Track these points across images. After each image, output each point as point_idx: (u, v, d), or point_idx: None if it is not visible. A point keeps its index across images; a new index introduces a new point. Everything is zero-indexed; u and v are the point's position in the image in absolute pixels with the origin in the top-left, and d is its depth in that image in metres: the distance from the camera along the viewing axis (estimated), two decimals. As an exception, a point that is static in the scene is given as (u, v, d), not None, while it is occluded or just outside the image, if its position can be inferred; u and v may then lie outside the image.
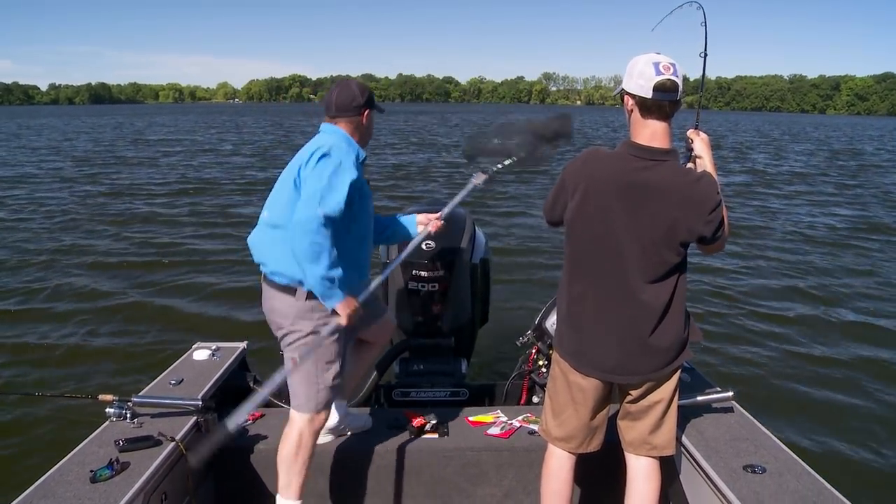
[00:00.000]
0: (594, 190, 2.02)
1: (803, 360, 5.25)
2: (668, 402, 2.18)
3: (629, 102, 2.01)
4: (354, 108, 2.40)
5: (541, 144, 2.64)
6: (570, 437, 2.24)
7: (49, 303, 6.57)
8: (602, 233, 2.02)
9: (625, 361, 2.08)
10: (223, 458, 2.63)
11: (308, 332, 2.32)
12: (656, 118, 1.97)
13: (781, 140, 37.71)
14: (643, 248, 1.98)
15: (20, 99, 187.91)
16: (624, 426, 2.26)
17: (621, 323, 2.05)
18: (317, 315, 2.31)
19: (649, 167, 1.96)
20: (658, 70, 1.92)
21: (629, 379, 2.12)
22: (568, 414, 2.22)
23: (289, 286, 2.32)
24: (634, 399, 2.19)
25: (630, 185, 1.97)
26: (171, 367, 3.04)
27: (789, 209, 13.00)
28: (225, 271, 7.79)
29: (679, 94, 1.95)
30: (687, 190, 1.94)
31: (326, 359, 2.35)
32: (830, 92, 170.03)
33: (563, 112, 3.12)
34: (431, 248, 3.19)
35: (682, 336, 2.10)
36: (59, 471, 2.12)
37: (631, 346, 2.06)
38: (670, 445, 2.22)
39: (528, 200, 12.38)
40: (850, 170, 21.54)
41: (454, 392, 3.25)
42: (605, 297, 2.06)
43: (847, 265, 8.43)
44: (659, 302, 2.02)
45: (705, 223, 1.95)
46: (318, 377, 2.35)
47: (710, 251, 2.10)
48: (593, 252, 2.06)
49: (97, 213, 11.51)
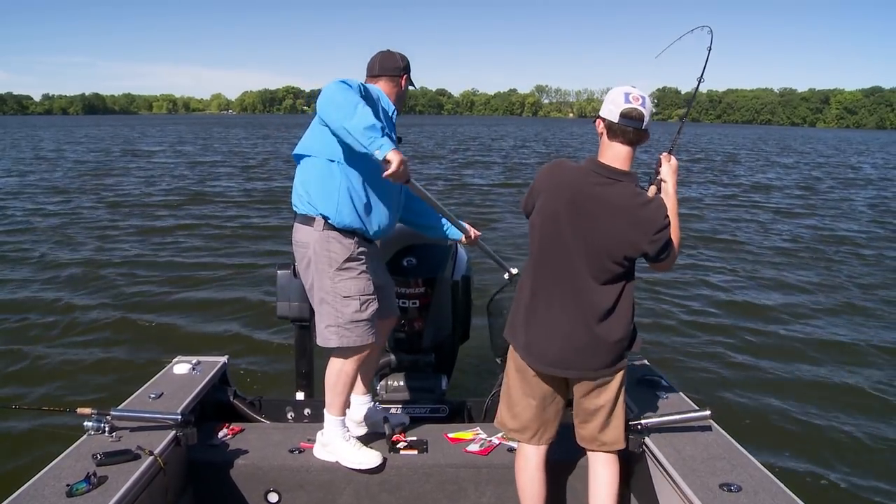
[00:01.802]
0: (553, 195, 2.22)
1: (781, 380, 5.26)
2: (614, 404, 2.36)
3: (600, 125, 2.21)
4: (395, 70, 2.65)
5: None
6: (523, 429, 2.42)
7: (28, 314, 6.51)
8: (555, 235, 2.21)
9: (567, 357, 2.25)
10: (202, 472, 2.63)
11: (326, 260, 2.47)
12: (620, 142, 2.16)
13: (768, 153, 38.03)
14: (588, 255, 2.17)
15: (14, 109, 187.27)
16: (577, 424, 2.45)
17: (568, 320, 2.22)
18: (334, 245, 2.47)
19: (605, 184, 2.15)
20: (627, 99, 2.13)
21: (569, 373, 2.29)
22: (522, 406, 2.40)
23: (308, 216, 2.50)
24: (582, 399, 2.36)
25: (584, 197, 2.16)
26: (150, 380, 3.03)
27: (771, 223, 13.08)
28: (207, 285, 7.75)
29: (644, 124, 2.14)
30: (635, 210, 2.13)
31: (344, 293, 2.48)
32: (820, 105, 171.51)
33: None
34: (413, 265, 3.21)
35: (622, 342, 2.26)
36: (34, 485, 2.10)
37: (575, 343, 2.23)
38: (620, 441, 2.40)
39: (508, 222, 12.15)
40: (835, 183, 21.74)
41: (434, 409, 3.26)
42: (556, 294, 2.24)
43: (825, 282, 8.46)
44: (604, 304, 2.20)
45: (649, 242, 2.14)
46: (338, 312, 2.49)
47: (658, 269, 2.30)
48: (547, 252, 2.24)
49: (78, 224, 11.48)
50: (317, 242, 2.47)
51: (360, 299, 2.51)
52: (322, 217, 2.47)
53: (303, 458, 2.67)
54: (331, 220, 2.46)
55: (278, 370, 4.98)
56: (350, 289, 2.49)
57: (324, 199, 2.47)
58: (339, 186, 2.45)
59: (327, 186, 2.46)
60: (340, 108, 2.19)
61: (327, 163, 2.45)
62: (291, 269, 3.21)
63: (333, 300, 2.49)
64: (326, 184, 2.46)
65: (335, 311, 2.50)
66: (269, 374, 5.01)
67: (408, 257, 3.21)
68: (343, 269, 2.48)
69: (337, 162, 2.44)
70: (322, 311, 2.54)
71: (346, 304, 2.49)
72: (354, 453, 2.61)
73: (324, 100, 2.25)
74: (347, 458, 2.60)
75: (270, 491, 2.62)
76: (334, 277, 2.48)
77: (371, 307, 2.55)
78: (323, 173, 2.47)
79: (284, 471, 2.63)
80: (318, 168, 2.48)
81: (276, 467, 2.63)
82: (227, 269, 8.50)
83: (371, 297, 2.55)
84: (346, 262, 2.49)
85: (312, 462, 2.65)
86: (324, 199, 2.47)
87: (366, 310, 2.53)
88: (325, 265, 2.48)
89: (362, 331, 2.53)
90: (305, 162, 2.54)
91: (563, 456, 2.62)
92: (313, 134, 2.50)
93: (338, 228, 2.48)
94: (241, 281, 7.88)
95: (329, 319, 2.52)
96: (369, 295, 2.55)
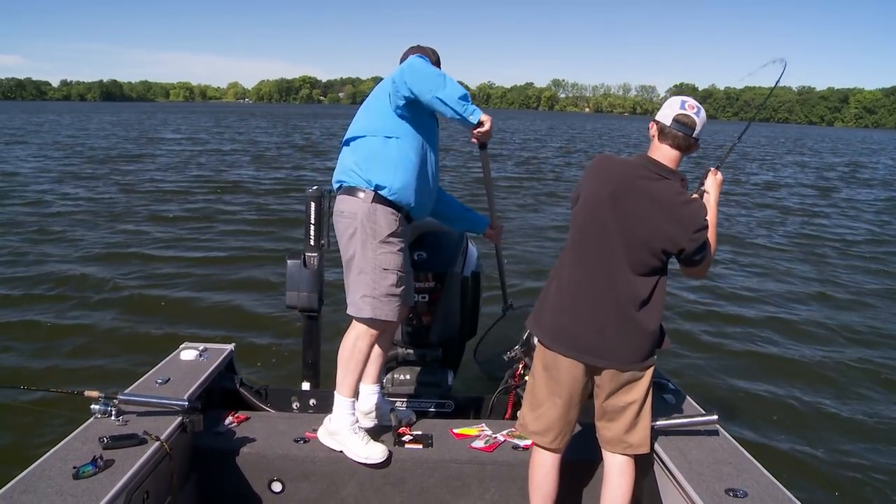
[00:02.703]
0: (598, 184, 2.26)
1: (790, 386, 5.20)
2: (642, 403, 2.33)
3: (653, 128, 2.29)
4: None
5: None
6: (546, 431, 2.38)
7: (38, 295, 6.57)
8: (596, 222, 2.23)
9: (598, 344, 2.24)
10: (207, 459, 2.64)
11: (372, 231, 2.52)
12: (669, 145, 2.23)
13: (780, 151, 37.66)
14: (628, 244, 2.19)
15: (32, 94, 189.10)
16: (601, 426, 2.40)
17: (601, 308, 2.23)
18: (381, 217, 2.53)
19: (652, 179, 2.20)
20: (683, 106, 2.23)
21: (600, 362, 2.26)
22: (546, 407, 2.38)
23: (356, 187, 2.56)
24: (608, 397, 2.33)
25: (628, 188, 2.20)
26: (157, 366, 3.04)
27: (784, 223, 12.96)
28: (216, 272, 7.77)
29: (695, 132, 2.22)
30: (678, 207, 2.18)
31: (384, 265, 2.53)
32: (839, 104, 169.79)
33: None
34: (423, 259, 3.20)
35: (654, 336, 2.27)
36: (41, 466, 2.12)
37: (607, 331, 2.23)
38: (645, 443, 2.37)
39: (523, 220, 12.11)
40: (853, 182, 21.51)
41: (440, 404, 3.25)
42: (591, 282, 2.24)
43: (838, 287, 8.32)
44: (639, 295, 2.21)
45: (689, 240, 2.17)
46: (375, 283, 2.53)
47: (692, 273, 2.32)
48: (588, 239, 2.26)
49: (92, 208, 11.57)
50: (364, 213, 2.54)
51: (397, 274, 2.57)
52: (372, 189, 2.54)
53: (307, 448, 2.68)
54: (384, 191, 2.54)
55: (285, 360, 5.00)
56: (390, 262, 2.55)
57: (379, 171, 2.56)
58: (397, 159, 2.56)
59: (383, 160, 2.56)
60: (431, 79, 2.43)
61: (384, 139, 2.56)
62: (301, 258, 3.22)
63: (373, 271, 2.54)
64: (382, 157, 2.56)
65: (373, 283, 2.54)
66: (276, 363, 5.02)
67: (418, 251, 3.20)
68: (386, 242, 2.55)
69: (395, 138, 2.56)
70: (359, 281, 2.58)
71: (384, 277, 2.55)
72: (362, 447, 2.61)
73: (414, 74, 2.43)
74: (355, 451, 2.60)
75: (274, 480, 2.63)
76: (377, 249, 2.54)
77: (404, 284, 2.62)
78: (379, 148, 2.58)
79: (289, 460, 2.63)
80: (375, 144, 2.58)
81: (280, 456, 2.64)
82: (236, 257, 8.54)
83: (405, 274, 2.63)
84: (390, 236, 2.56)
85: (317, 452, 2.66)
86: (379, 171, 2.56)
87: (401, 285, 2.59)
88: (370, 236, 2.54)
89: (394, 306, 2.59)
90: (358, 142, 2.62)
91: (577, 457, 2.59)
92: (369, 115, 2.63)
93: (386, 201, 2.55)
94: (251, 269, 7.90)
95: (365, 290, 2.56)
96: (404, 272, 2.62)
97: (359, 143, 2.62)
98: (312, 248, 3.22)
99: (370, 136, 2.59)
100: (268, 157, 23.17)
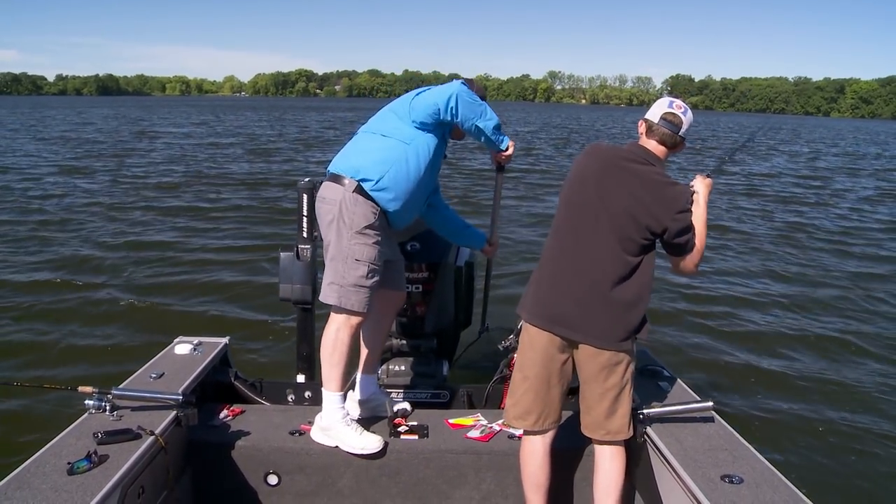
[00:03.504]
0: (585, 164, 2.35)
1: (784, 372, 5.23)
2: (620, 389, 2.36)
3: (642, 125, 2.39)
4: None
5: None
6: (526, 414, 2.41)
7: (30, 292, 6.55)
8: (582, 198, 2.30)
9: (572, 314, 2.27)
10: (202, 453, 2.64)
11: (349, 221, 2.53)
12: (657, 141, 2.34)
13: (775, 141, 37.64)
14: (611, 217, 2.24)
15: (28, 89, 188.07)
16: (583, 411, 2.44)
17: (581, 282, 2.27)
18: (360, 208, 2.54)
19: (639, 162, 2.29)
20: (671, 105, 2.35)
21: (574, 336, 2.29)
22: (523, 390, 2.41)
23: (340, 175, 2.59)
24: (588, 382, 2.36)
25: (615, 166, 2.28)
26: (151, 360, 3.03)
27: (775, 212, 13.00)
28: (209, 266, 7.76)
29: (681, 131, 2.32)
30: (662, 187, 2.25)
31: (356, 256, 2.54)
32: (835, 95, 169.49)
33: None
34: (416, 250, 3.20)
35: (632, 317, 2.28)
36: (35, 462, 2.11)
37: (584, 305, 2.26)
38: (624, 429, 2.39)
39: (516, 209, 12.09)
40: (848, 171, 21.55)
41: (435, 394, 3.26)
42: (574, 257, 2.29)
43: (828, 274, 8.38)
44: (620, 272, 2.25)
45: (672, 219, 2.23)
46: (345, 272, 2.55)
47: (681, 266, 2.35)
48: (574, 213, 2.32)
49: (85, 200, 11.55)
50: (344, 202, 2.54)
51: (368, 266, 2.57)
52: (357, 180, 2.55)
53: (303, 440, 2.67)
54: (367, 184, 2.56)
55: (279, 352, 5.01)
56: (363, 253, 2.55)
57: (370, 164, 2.57)
58: (392, 160, 2.58)
59: (379, 156, 2.59)
60: (473, 109, 2.61)
61: (398, 142, 2.61)
62: (294, 251, 3.21)
63: (344, 260, 2.55)
64: (379, 153, 2.59)
65: (343, 271, 2.55)
66: (271, 356, 5.03)
67: (412, 242, 3.20)
68: (361, 233, 2.55)
69: (409, 144, 2.60)
70: (330, 268, 2.60)
71: (354, 267, 2.55)
72: (357, 438, 2.61)
73: (461, 102, 2.56)
74: (350, 443, 2.60)
75: (270, 473, 2.63)
76: (351, 239, 2.54)
77: (375, 277, 2.60)
78: (379, 145, 2.62)
79: (284, 453, 2.63)
80: (385, 142, 2.62)
81: (276, 449, 2.64)
82: (229, 250, 8.54)
83: (377, 268, 2.61)
84: (366, 228, 2.55)
85: (312, 445, 2.65)
86: (370, 164, 2.57)
87: (370, 278, 2.58)
88: (346, 225, 2.54)
89: (362, 297, 2.58)
90: (373, 136, 2.67)
91: (569, 445, 2.61)
92: (393, 121, 2.66)
93: (367, 194, 2.56)
94: (244, 263, 7.89)
95: (334, 277, 2.57)
96: (377, 265, 2.60)
97: (372, 137, 2.67)
98: (305, 241, 3.22)
99: (388, 137, 2.62)
100: (262, 149, 23.12)
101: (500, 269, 6.34)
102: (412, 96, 2.67)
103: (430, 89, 2.66)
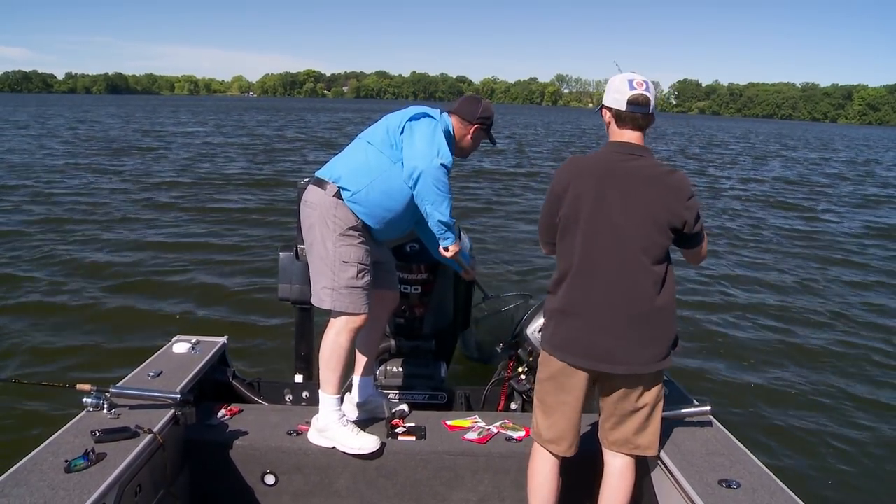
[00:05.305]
0: (582, 183, 2.16)
1: (782, 378, 5.22)
2: (654, 405, 2.25)
3: (607, 115, 2.22)
4: (469, 115, 2.73)
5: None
6: (560, 439, 2.29)
7: (28, 291, 6.57)
8: (598, 219, 2.12)
9: (618, 348, 2.12)
10: (200, 451, 2.64)
11: (332, 224, 2.52)
12: (630, 128, 2.18)
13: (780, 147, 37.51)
14: (635, 231, 2.10)
15: (38, 87, 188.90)
16: (609, 426, 2.30)
17: (611, 308, 2.12)
18: (341, 211, 2.53)
19: (630, 159, 2.15)
20: (632, 86, 2.15)
21: (616, 368, 2.14)
22: (558, 415, 2.27)
23: (324, 180, 2.57)
24: (620, 399, 2.23)
25: (613, 174, 2.13)
26: (150, 358, 3.04)
27: (772, 217, 12.98)
28: (209, 266, 7.78)
29: (650, 108, 2.17)
30: (665, 177, 2.13)
31: (344, 258, 2.52)
32: (842, 101, 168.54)
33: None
34: (416, 250, 3.20)
35: (671, 331, 2.19)
36: (32, 459, 2.11)
37: (627, 335, 2.12)
38: (654, 445, 2.29)
39: (515, 211, 11.84)
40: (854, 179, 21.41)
41: (432, 395, 3.26)
42: (601, 284, 2.13)
43: (826, 281, 8.35)
44: (653, 287, 2.11)
45: (685, 208, 2.10)
46: (335, 275, 2.54)
47: (692, 256, 2.28)
48: (591, 237, 2.14)
49: (85, 199, 11.57)
50: (324, 206, 2.54)
51: (357, 266, 2.56)
52: (338, 186, 2.54)
53: (300, 440, 2.68)
54: (345, 193, 2.55)
55: (278, 352, 4.99)
56: (350, 255, 2.55)
57: (351, 175, 2.56)
58: (376, 172, 2.55)
59: (364, 168, 2.56)
60: (435, 196, 2.51)
61: (388, 161, 2.56)
62: (294, 251, 3.21)
63: (333, 264, 2.54)
64: (365, 166, 2.57)
65: (332, 275, 2.55)
66: (269, 355, 5.03)
67: (411, 243, 3.21)
68: (346, 234, 2.54)
69: (395, 164, 2.56)
70: (319, 273, 2.59)
71: (344, 270, 2.54)
72: (353, 438, 2.61)
73: (422, 180, 2.48)
74: (346, 444, 2.60)
75: (267, 472, 2.64)
76: (336, 242, 2.53)
77: (366, 277, 2.60)
78: (369, 158, 2.58)
79: (282, 453, 2.63)
80: (371, 155, 2.59)
81: (273, 449, 2.64)
82: (228, 250, 8.55)
83: (367, 267, 2.60)
84: (350, 229, 2.55)
85: (310, 445, 2.66)
86: (351, 175, 2.56)
87: (362, 278, 2.58)
88: (330, 229, 2.54)
89: (356, 298, 2.57)
90: (367, 147, 2.62)
91: (575, 456, 2.51)
92: (384, 137, 2.60)
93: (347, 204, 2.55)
94: (243, 262, 7.91)
95: (325, 281, 2.57)
96: (366, 265, 2.60)
97: (365, 147, 2.63)
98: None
99: (381, 153, 2.58)
100: (265, 149, 23.16)
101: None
102: (404, 121, 2.60)
103: (421, 121, 2.58)
